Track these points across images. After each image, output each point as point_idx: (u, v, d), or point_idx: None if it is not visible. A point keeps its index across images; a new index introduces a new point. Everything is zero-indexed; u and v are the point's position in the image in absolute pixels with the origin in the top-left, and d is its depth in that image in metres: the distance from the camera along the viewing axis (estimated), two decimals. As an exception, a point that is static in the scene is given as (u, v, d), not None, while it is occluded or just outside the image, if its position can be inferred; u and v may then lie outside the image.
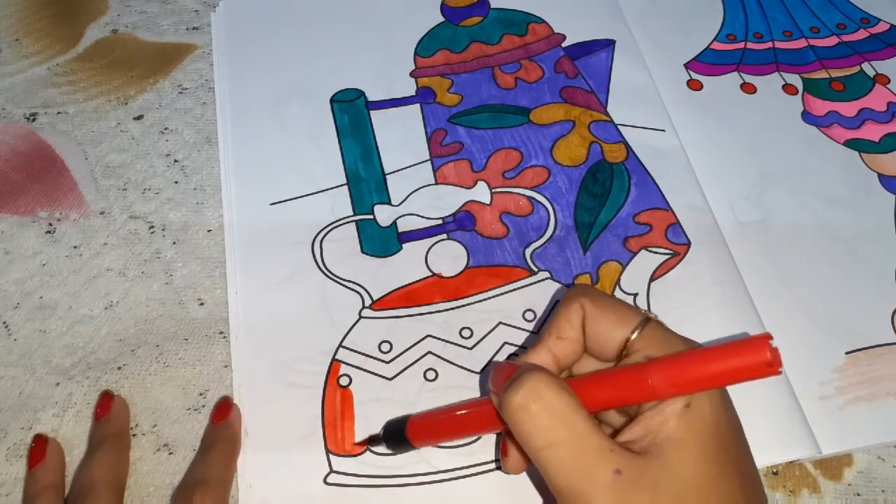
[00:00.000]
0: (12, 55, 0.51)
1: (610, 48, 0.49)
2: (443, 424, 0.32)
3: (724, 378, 0.25)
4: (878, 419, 0.35)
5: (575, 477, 0.25)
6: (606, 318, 0.29)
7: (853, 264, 0.40)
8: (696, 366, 0.25)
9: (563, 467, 0.25)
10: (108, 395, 0.36)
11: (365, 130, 0.46)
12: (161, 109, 0.48)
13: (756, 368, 0.24)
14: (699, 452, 0.25)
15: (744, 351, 0.25)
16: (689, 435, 0.25)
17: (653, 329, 0.28)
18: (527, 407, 0.26)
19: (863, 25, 0.51)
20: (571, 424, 0.25)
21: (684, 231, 0.41)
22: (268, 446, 0.35)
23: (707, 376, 0.25)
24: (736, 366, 0.25)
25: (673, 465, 0.25)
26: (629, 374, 0.27)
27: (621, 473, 0.25)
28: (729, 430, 0.26)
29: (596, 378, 0.28)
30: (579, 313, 0.29)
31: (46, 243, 0.42)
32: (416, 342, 0.38)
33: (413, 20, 0.51)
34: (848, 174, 0.44)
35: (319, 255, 0.41)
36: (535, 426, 0.26)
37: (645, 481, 0.25)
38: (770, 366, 0.24)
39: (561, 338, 0.30)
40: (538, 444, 0.26)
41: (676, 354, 0.27)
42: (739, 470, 0.26)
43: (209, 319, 0.39)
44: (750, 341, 0.25)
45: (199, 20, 0.52)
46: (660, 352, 0.27)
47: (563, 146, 0.45)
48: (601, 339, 0.29)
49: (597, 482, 0.25)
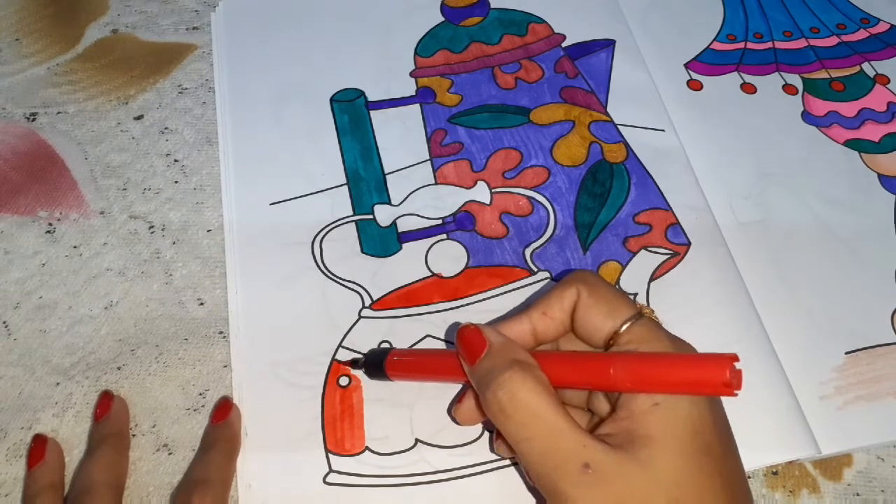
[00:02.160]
0: (12, 55, 0.51)
1: (610, 48, 0.49)
2: (418, 364, 0.34)
3: (680, 386, 0.26)
4: (877, 419, 0.35)
5: (548, 468, 0.27)
6: (598, 308, 0.29)
7: (853, 264, 0.40)
8: (657, 368, 0.26)
9: (538, 459, 0.27)
10: (108, 395, 0.36)
11: (365, 130, 0.46)
12: (161, 109, 0.48)
13: (713, 385, 0.25)
14: (675, 451, 0.26)
15: (705, 365, 0.26)
16: (662, 433, 0.26)
17: (642, 325, 0.29)
18: (504, 407, 0.27)
19: (863, 25, 0.51)
20: (545, 421, 0.27)
21: (684, 231, 0.41)
22: (267, 446, 0.35)
23: (665, 381, 0.26)
24: (694, 378, 0.26)
25: (644, 463, 0.26)
26: (594, 360, 0.28)
27: (589, 468, 0.26)
28: (713, 429, 0.27)
29: (564, 357, 0.29)
30: (573, 297, 0.30)
31: (46, 243, 0.42)
32: (415, 342, 0.38)
33: (413, 20, 0.51)
34: (848, 174, 0.44)
35: (319, 255, 0.41)
36: (512, 423, 0.27)
37: (613, 475, 0.26)
38: (727, 386, 0.25)
39: (546, 315, 0.30)
40: (515, 438, 0.27)
41: (644, 353, 0.27)
42: (722, 470, 0.26)
43: (209, 319, 0.39)
44: (714, 358, 0.26)
45: (199, 20, 0.52)
46: (643, 348, 0.28)
47: (563, 146, 0.45)
48: (590, 327, 0.30)
49: (566, 474, 0.26)
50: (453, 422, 0.35)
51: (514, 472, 0.34)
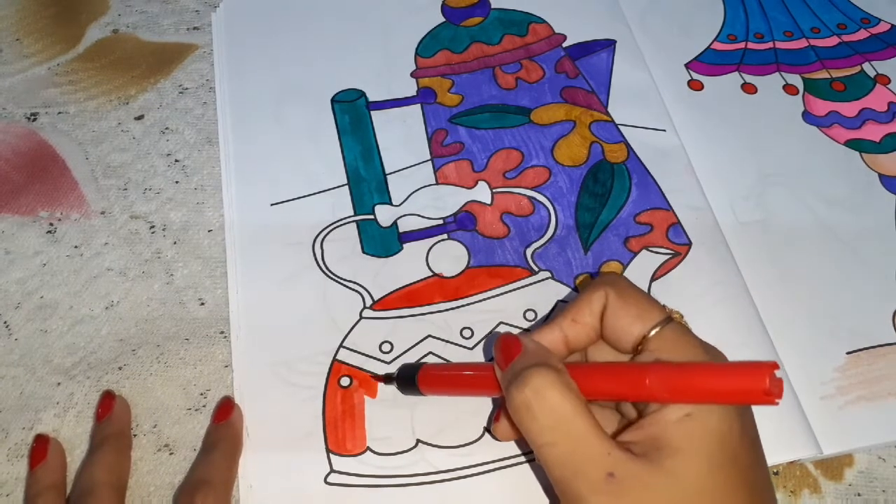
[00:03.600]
0: (13, 55, 0.51)
1: (610, 48, 0.49)
2: (451, 379, 0.34)
3: (719, 396, 0.25)
4: (878, 419, 0.35)
5: (570, 475, 0.26)
6: (627, 311, 0.29)
7: (854, 264, 0.40)
8: (695, 378, 0.26)
9: (561, 465, 0.26)
10: (110, 395, 0.36)
11: (365, 130, 0.46)
12: (162, 109, 0.48)
13: (753, 394, 0.25)
14: (701, 461, 0.25)
15: (745, 375, 0.25)
16: (689, 444, 0.25)
17: (672, 330, 0.28)
18: (530, 406, 0.26)
19: (863, 25, 0.51)
20: (571, 426, 0.26)
21: (685, 231, 0.41)
22: (268, 446, 0.35)
23: (703, 390, 0.25)
24: (733, 387, 0.25)
25: (670, 472, 0.25)
26: (629, 371, 0.27)
27: (614, 476, 0.25)
28: (741, 439, 0.26)
29: (598, 368, 0.29)
30: (601, 302, 0.29)
31: (47, 243, 0.42)
32: (416, 342, 0.38)
33: (414, 20, 0.51)
34: (848, 174, 0.44)
35: (320, 256, 0.41)
36: (537, 425, 0.26)
37: (637, 485, 0.25)
38: (767, 394, 0.24)
39: (576, 321, 0.30)
40: (538, 441, 0.27)
41: (681, 363, 0.27)
42: (748, 480, 0.26)
43: (210, 319, 0.39)
44: (753, 366, 0.25)
45: (200, 20, 0.52)
46: (673, 354, 0.27)
47: (564, 146, 0.45)
48: (619, 331, 0.29)
49: (590, 483, 0.25)
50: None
51: (515, 472, 0.34)
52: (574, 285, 0.39)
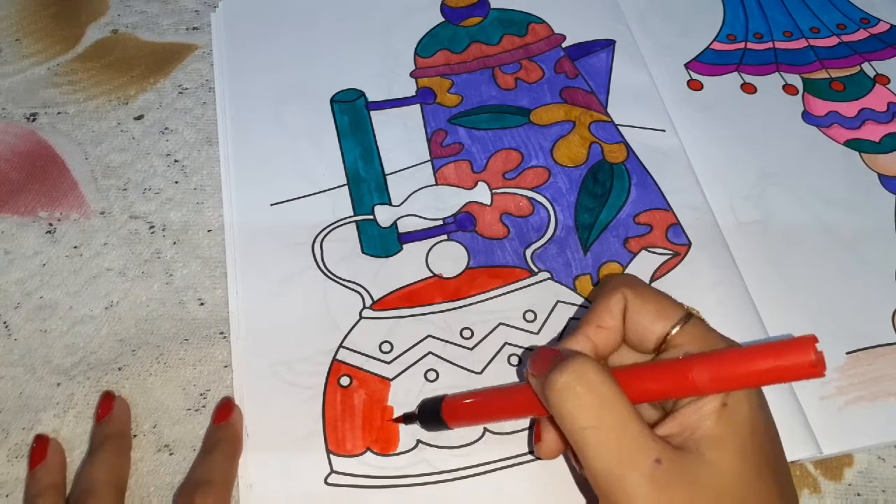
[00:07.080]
0: (12, 55, 0.51)
1: (610, 48, 0.49)
2: (478, 407, 0.33)
3: (767, 376, 0.25)
4: (878, 419, 0.35)
5: (614, 461, 0.25)
6: (647, 310, 0.29)
7: (853, 264, 0.40)
8: (740, 363, 0.25)
9: (604, 450, 0.25)
10: (110, 396, 0.36)
11: (365, 131, 0.46)
12: (161, 109, 0.48)
13: (800, 369, 0.24)
14: (738, 451, 0.25)
15: (790, 351, 0.24)
16: (727, 433, 0.25)
17: (694, 325, 0.28)
18: (572, 387, 0.26)
19: (863, 25, 0.51)
20: (615, 408, 0.25)
21: (685, 231, 0.41)
22: (268, 446, 0.35)
23: (750, 374, 0.25)
24: (781, 365, 0.24)
25: (712, 463, 0.25)
26: (671, 368, 0.27)
27: (661, 463, 0.25)
28: (766, 430, 0.26)
29: (637, 370, 0.28)
30: (620, 303, 0.29)
31: (47, 243, 0.42)
32: (416, 342, 0.38)
33: (413, 20, 0.51)
34: (848, 174, 0.44)
35: (320, 256, 0.41)
36: (579, 406, 0.26)
37: (684, 476, 0.25)
38: (814, 367, 0.24)
39: (601, 327, 0.30)
40: (581, 424, 0.26)
41: (720, 351, 0.26)
42: (776, 471, 0.26)
43: (209, 320, 0.39)
44: (796, 341, 0.24)
45: (200, 20, 0.52)
46: (699, 348, 0.27)
47: (564, 146, 0.45)
48: (641, 330, 0.29)
49: (636, 468, 0.25)
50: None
51: (515, 472, 0.34)
52: (574, 286, 0.39)
